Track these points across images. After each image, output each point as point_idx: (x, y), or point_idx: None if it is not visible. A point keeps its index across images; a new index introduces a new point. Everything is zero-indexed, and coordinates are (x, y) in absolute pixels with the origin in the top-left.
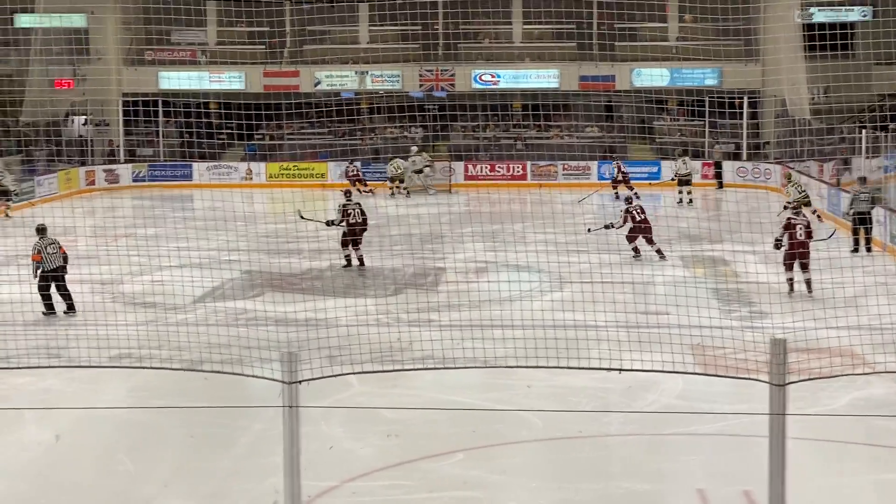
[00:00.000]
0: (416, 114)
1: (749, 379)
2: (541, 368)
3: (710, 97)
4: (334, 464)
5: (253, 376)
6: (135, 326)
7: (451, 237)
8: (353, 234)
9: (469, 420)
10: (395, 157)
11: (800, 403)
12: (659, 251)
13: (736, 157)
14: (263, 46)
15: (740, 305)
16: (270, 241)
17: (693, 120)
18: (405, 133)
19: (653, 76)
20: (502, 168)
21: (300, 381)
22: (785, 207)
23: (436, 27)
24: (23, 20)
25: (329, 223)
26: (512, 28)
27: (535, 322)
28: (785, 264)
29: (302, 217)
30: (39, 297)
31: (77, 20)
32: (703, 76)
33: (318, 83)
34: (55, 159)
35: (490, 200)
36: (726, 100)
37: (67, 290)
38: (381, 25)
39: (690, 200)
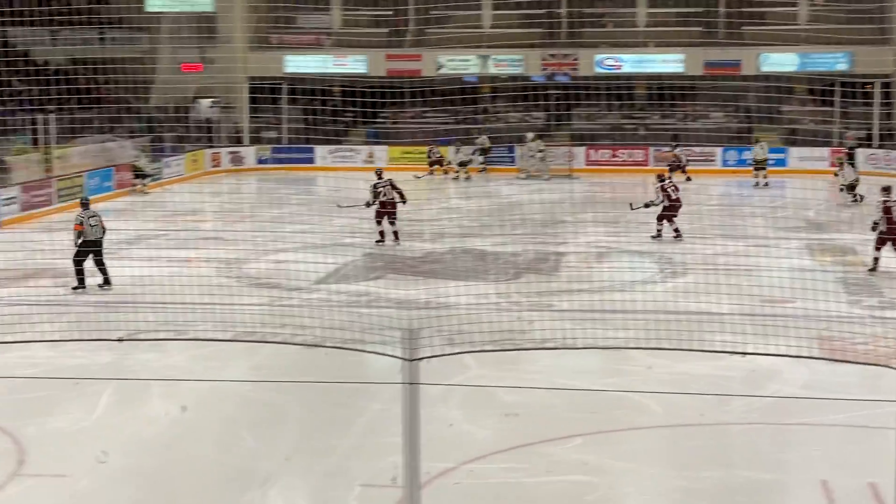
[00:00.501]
0: (539, 100)
1: (877, 366)
2: (661, 354)
3: (840, 82)
4: (452, 445)
5: (374, 353)
6: (258, 306)
7: (571, 222)
8: (385, 211)
9: (588, 405)
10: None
11: None
12: (677, 230)
13: (867, 144)
14: (387, 30)
15: (869, 295)
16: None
17: (822, 105)
18: (526, 118)
19: (781, 61)
20: (624, 154)
21: (420, 359)
22: (840, 189)
23: (559, 12)
24: (152, 4)
25: (367, 204)
26: (636, 12)
27: (657, 308)
28: (877, 247)
29: (340, 206)
30: (75, 270)
31: (205, 4)
32: (833, 61)
33: (441, 67)
34: (183, 142)
35: (612, 186)
36: (858, 86)
37: (104, 264)
38: (505, 10)
39: (766, 184)
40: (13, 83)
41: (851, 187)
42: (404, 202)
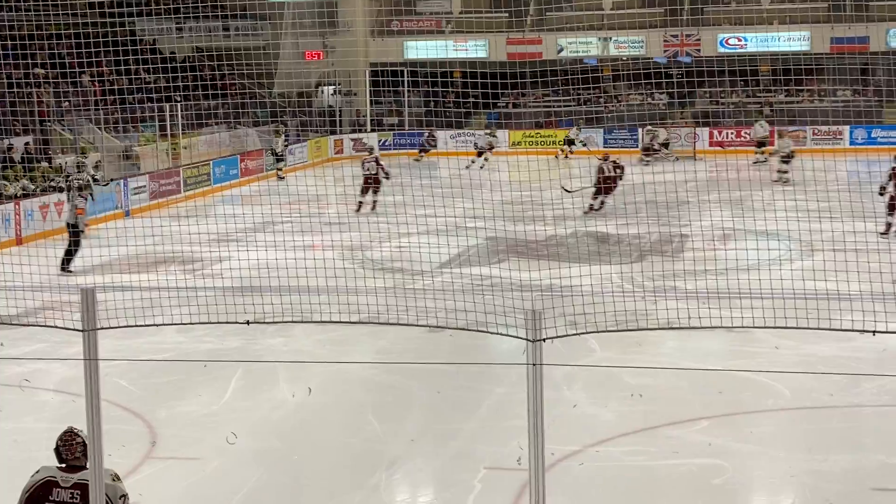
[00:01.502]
0: (662, 80)
1: None
2: (788, 336)
3: None
4: (577, 428)
5: (497, 333)
6: (383, 291)
7: (695, 203)
8: (369, 185)
9: (713, 386)
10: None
11: None
12: (601, 205)
13: None
14: (507, 14)
15: None
16: (513, 207)
17: None
18: (649, 100)
19: None
20: (749, 133)
21: (544, 339)
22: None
23: None
24: None
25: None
26: None
27: (784, 290)
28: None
29: (567, 191)
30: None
31: None
32: None
33: (561, 50)
34: (307, 129)
35: (737, 167)
36: None
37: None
38: None
39: (766, 160)
40: (141, 74)
41: None
42: (388, 178)
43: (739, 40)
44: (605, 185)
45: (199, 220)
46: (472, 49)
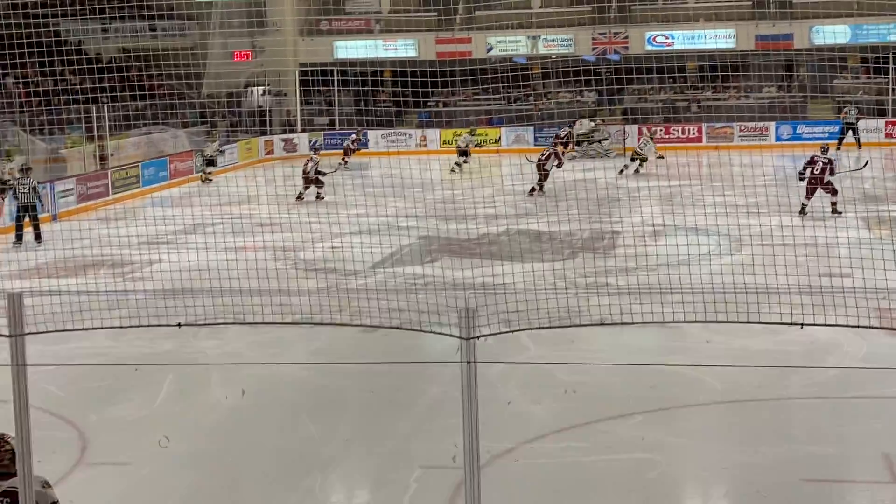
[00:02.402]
0: (591, 77)
1: None
2: (719, 330)
3: (894, 53)
4: (512, 425)
5: (430, 332)
6: (316, 292)
7: (626, 200)
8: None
9: (646, 381)
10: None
11: None
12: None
13: None
14: (436, 13)
15: None
16: (446, 206)
17: (876, 77)
18: (578, 97)
19: (833, 33)
20: (677, 130)
21: (477, 337)
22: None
23: None
24: None
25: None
26: None
27: (714, 285)
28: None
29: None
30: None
31: None
32: (886, 31)
33: (491, 49)
34: (236, 129)
35: (666, 163)
36: None
37: (38, 220)
38: None
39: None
40: (66, 76)
41: None
42: (324, 175)
43: (667, 38)
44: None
45: (128, 223)
46: (402, 48)
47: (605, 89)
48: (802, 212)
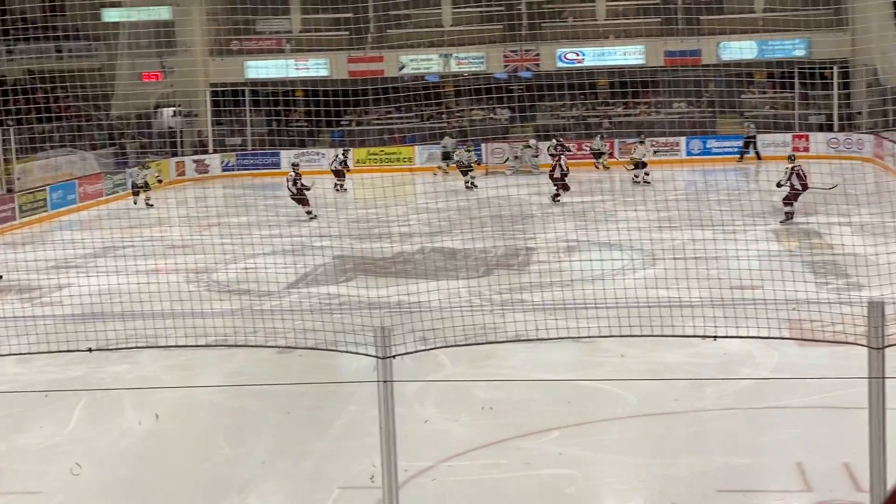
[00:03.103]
0: (503, 94)
1: (847, 343)
2: (634, 344)
3: (799, 68)
4: (430, 443)
5: (347, 352)
6: (229, 313)
7: (540, 217)
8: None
9: (563, 397)
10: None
11: None
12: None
13: (828, 128)
14: (348, 32)
15: (836, 277)
16: (360, 226)
17: (782, 92)
18: (491, 115)
19: (740, 49)
20: (589, 147)
21: (394, 356)
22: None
23: (519, 7)
24: (110, 15)
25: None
26: (595, 5)
27: (628, 299)
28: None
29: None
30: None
31: (163, 13)
32: (791, 47)
33: (403, 67)
34: (146, 151)
35: (578, 179)
36: (817, 70)
37: None
38: (465, 7)
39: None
40: None
41: None
42: (308, 189)
43: (577, 55)
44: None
45: (36, 248)
46: (314, 68)
47: (517, 106)
48: (785, 220)
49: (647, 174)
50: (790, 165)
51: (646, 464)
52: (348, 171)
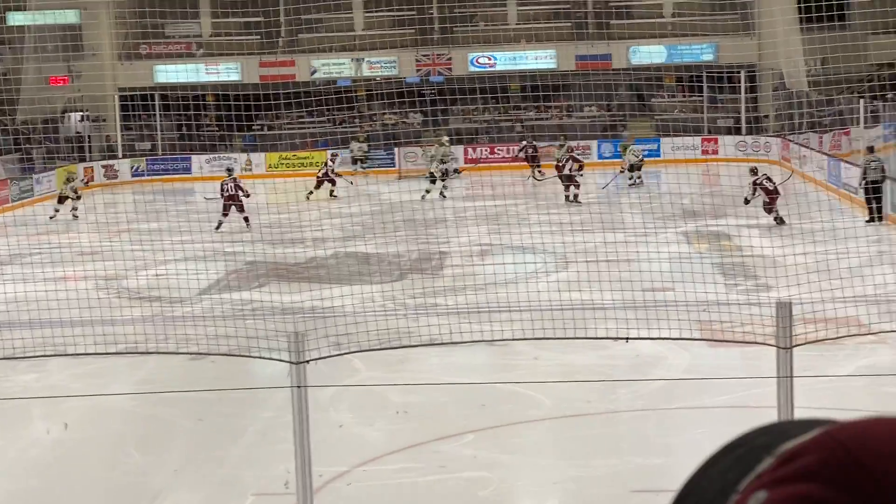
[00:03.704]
0: (415, 98)
1: (755, 344)
2: (547, 347)
3: (707, 73)
4: (344, 449)
5: (260, 357)
6: (140, 320)
7: (453, 221)
8: (230, 203)
9: (477, 400)
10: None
11: (807, 374)
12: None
13: (736, 131)
14: (258, 36)
15: (745, 279)
16: (273, 231)
17: (691, 95)
18: (404, 119)
19: (650, 53)
20: (502, 150)
21: (307, 361)
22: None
23: (431, 11)
24: (16, 18)
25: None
26: (507, 10)
27: (541, 302)
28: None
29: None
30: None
31: (70, 16)
32: (699, 52)
33: (315, 72)
34: (54, 156)
35: (491, 183)
36: (724, 74)
37: None
38: (376, 11)
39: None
40: None
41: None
42: (248, 196)
43: (489, 59)
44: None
45: None
46: (225, 72)
47: (429, 110)
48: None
49: (639, 177)
50: (753, 179)
51: (560, 465)
52: (339, 176)
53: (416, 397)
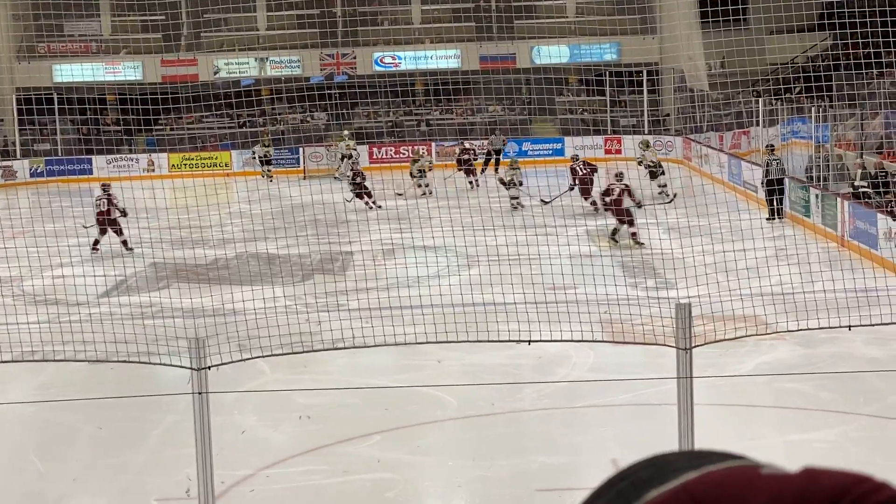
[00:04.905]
0: (319, 101)
1: (655, 344)
2: (452, 347)
3: (609, 72)
4: (249, 452)
5: (160, 364)
6: (37, 324)
7: (356, 221)
8: (105, 219)
9: (383, 402)
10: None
11: (708, 371)
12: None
13: (637, 131)
14: (160, 35)
15: (646, 277)
16: (174, 232)
17: (594, 96)
18: (308, 119)
19: (553, 54)
20: (407, 150)
21: (209, 367)
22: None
23: (334, 12)
24: None
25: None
26: (410, 9)
27: (445, 302)
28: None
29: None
30: None
31: None
32: (602, 51)
33: (218, 71)
34: None
35: (395, 183)
36: (626, 75)
37: None
38: (279, 11)
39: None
40: None
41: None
42: (125, 215)
43: (394, 59)
44: (582, 185)
45: None
46: (126, 71)
47: (334, 112)
48: (614, 236)
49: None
50: (573, 165)
51: (465, 466)
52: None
53: (322, 399)
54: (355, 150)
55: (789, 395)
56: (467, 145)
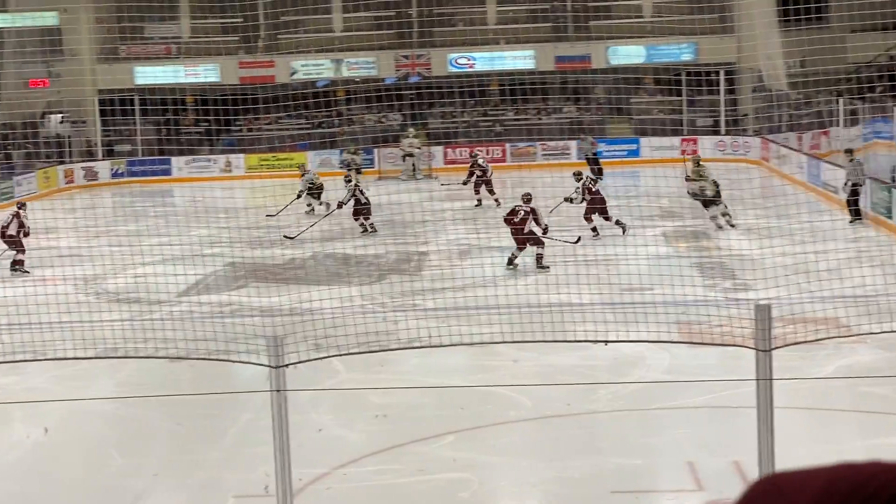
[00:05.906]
0: (394, 101)
1: (734, 346)
2: (527, 348)
3: (686, 73)
4: (325, 451)
5: (239, 362)
6: (119, 322)
7: (432, 221)
8: None
9: (457, 402)
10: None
11: (787, 374)
12: (619, 223)
13: (714, 132)
14: (237, 37)
15: (724, 279)
16: (252, 232)
17: (670, 96)
18: (382, 120)
19: (628, 54)
20: (481, 151)
21: (286, 365)
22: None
23: (410, 13)
24: None
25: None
26: (486, 11)
27: (521, 303)
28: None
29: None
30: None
31: (49, 18)
32: (678, 52)
33: (294, 73)
34: (33, 159)
35: (471, 184)
36: (703, 75)
37: None
38: (356, 13)
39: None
40: None
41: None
42: (26, 235)
43: (469, 60)
44: (590, 205)
45: None
46: (204, 73)
47: (409, 113)
48: (511, 263)
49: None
50: (579, 183)
51: (539, 467)
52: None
53: (396, 398)
54: (419, 148)
55: (870, 398)
56: (481, 162)
